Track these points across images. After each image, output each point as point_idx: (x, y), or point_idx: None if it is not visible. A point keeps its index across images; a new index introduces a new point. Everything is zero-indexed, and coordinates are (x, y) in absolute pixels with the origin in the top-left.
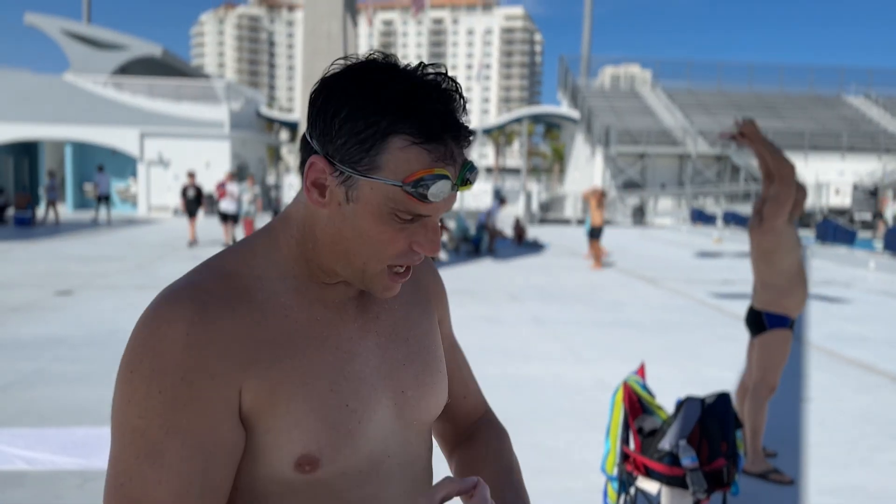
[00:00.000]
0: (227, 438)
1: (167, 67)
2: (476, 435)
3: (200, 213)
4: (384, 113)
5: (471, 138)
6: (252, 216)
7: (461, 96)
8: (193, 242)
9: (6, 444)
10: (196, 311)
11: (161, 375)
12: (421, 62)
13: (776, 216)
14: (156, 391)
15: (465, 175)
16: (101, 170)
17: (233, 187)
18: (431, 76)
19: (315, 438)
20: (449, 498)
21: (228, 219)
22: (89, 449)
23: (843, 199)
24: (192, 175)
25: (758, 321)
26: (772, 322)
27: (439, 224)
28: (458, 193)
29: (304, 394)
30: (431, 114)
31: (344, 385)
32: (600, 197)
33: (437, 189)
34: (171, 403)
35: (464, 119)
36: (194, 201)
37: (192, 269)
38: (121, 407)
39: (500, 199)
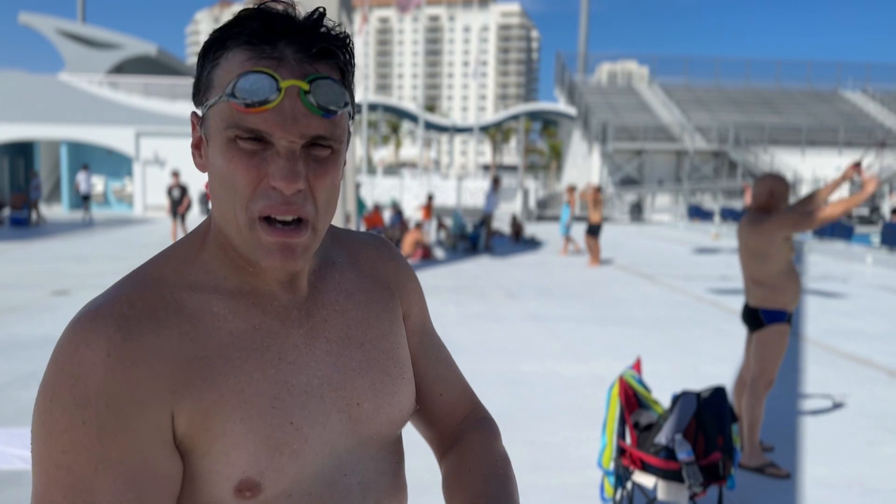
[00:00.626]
0: (161, 469)
1: (162, 66)
2: (461, 439)
3: (192, 214)
4: (220, 34)
5: (326, 54)
6: None
7: (321, 20)
8: None
9: (4, 443)
10: (117, 328)
11: (83, 404)
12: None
13: (784, 228)
14: (79, 422)
15: (313, 83)
16: (85, 168)
17: None
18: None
19: (256, 461)
20: None
21: None
22: None
23: (841, 195)
24: (176, 174)
25: (755, 318)
26: (769, 318)
27: (319, 159)
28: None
29: (242, 413)
30: (263, 19)
31: (288, 400)
32: (596, 194)
33: (248, 83)
34: (98, 435)
35: (317, 33)
36: (179, 202)
37: (117, 281)
38: (42, 440)
39: (494, 180)
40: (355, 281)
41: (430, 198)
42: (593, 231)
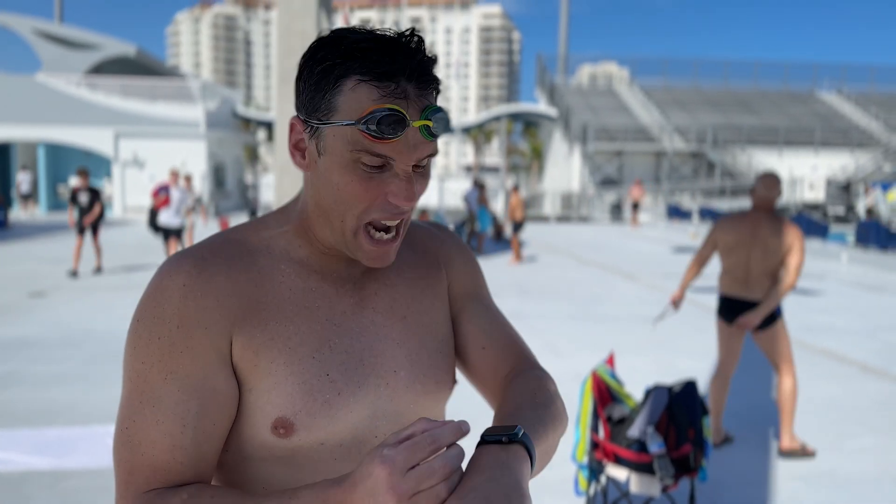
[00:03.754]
0: (221, 388)
1: (141, 67)
2: (507, 387)
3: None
4: (337, 58)
5: (433, 82)
6: (187, 228)
7: (423, 47)
8: (76, 273)
9: None
10: (195, 266)
11: (160, 323)
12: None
13: (798, 256)
14: (156, 338)
15: (428, 115)
16: (25, 168)
17: (177, 192)
18: (395, 33)
19: (291, 402)
20: (415, 436)
21: (171, 235)
22: (61, 449)
23: (817, 194)
24: (83, 173)
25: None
26: (779, 311)
27: (422, 172)
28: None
29: (286, 357)
30: (382, 53)
31: (328, 355)
32: (516, 194)
33: (384, 121)
34: (169, 349)
35: (426, 66)
36: (88, 210)
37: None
38: (128, 353)
39: (478, 185)
40: (407, 258)
41: (424, 212)
42: (517, 227)
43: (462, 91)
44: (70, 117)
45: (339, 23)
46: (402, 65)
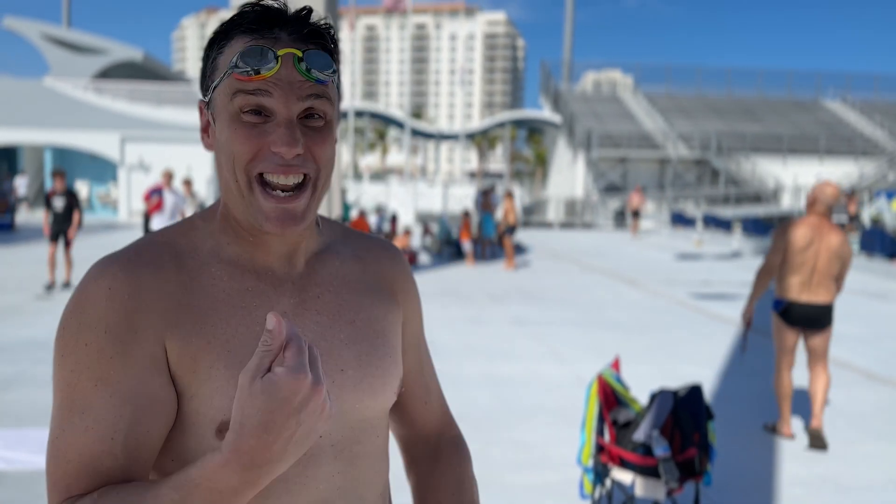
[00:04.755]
0: (157, 395)
1: (148, 72)
2: (440, 455)
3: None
4: (223, 28)
5: (315, 38)
6: None
7: (307, 13)
8: (52, 286)
9: None
10: (120, 268)
11: (87, 329)
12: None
13: (849, 258)
14: (82, 345)
15: (305, 52)
16: (23, 172)
17: (171, 196)
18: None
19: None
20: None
21: None
22: None
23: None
24: (60, 174)
25: (829, 313)
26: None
27: (317, 129)
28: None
29: (226, 361)
30: (261, 11)
31: None
32: (510, 199)
33: (249, 55)
34: (98, 356)
35: (304, 21)
36: (64, 217)
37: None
38: (57, 363)
39: (483, 191)
40: (356, 272)
41: (467, 214)
42: (510, 231)
43: (466, 98)
44: (77, 121)
45: (345, 29)
46: (276, 16)
